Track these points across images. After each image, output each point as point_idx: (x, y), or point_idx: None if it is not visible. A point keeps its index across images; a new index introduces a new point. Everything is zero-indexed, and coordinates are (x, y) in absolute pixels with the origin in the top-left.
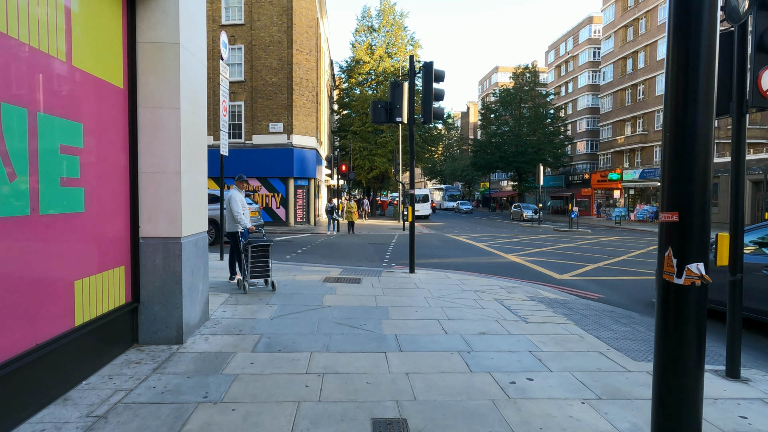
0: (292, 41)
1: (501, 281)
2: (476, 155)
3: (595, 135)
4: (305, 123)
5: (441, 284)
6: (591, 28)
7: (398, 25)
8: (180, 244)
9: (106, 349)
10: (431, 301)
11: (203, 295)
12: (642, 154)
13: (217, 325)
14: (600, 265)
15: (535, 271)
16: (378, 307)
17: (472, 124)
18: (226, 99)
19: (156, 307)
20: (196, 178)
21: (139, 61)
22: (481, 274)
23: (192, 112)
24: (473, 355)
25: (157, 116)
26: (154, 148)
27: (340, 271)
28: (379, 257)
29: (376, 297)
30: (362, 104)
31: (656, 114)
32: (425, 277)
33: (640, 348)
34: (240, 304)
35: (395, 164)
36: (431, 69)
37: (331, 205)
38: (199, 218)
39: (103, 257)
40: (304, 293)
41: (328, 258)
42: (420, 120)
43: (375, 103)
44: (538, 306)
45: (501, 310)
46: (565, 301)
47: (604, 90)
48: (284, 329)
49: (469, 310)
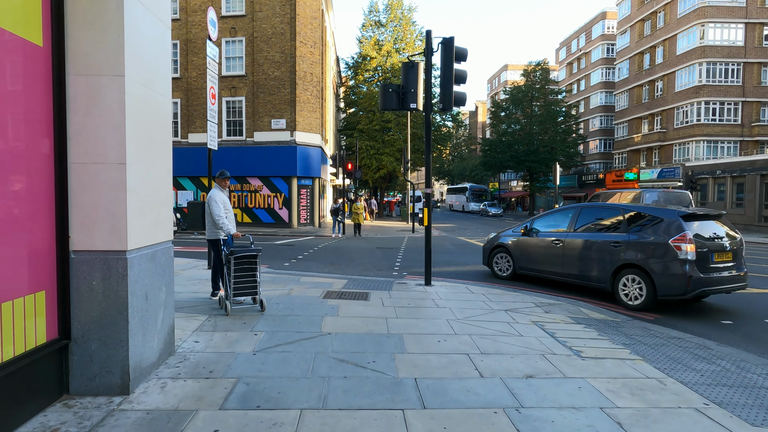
0: (296, 33)
1: (533, 296)
2: (486, 154)
3: (609, 133)
4: (309, 119)
5: (464, 301)
6: (604, 24)
7: (406, 19)
8: (126, 259)
9: (17, 408)
10: (456, 325)
11: (165, 323)
12: (660, 153)
13: (183, 362)
14: None
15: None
16: (390, 335)
17: (480, 124)
18: (215, 85)
19: (93, 345)
20: (152, 171)
21: (67, 10)
22: (507, 285)
23: (146, 84)
24: (525, 415)
25: (93, 87)
26: (89, 130)
27: (345, 283)
28: (389, 264)
29: (388, 320)
30: (369, 101)
31: (675, 111)
32: (444, 292)
33: (748, 401)
34: (218, 330)
35: (404, 162)
36: (452, 46)
37: (336, 206)
38: (159, 225)
39: (13, 279)
40: (299, 315)
41: (332, 265)
42: (438, 107)
43: (385, 86)
44: (587, 331)
45: (545, 338)
46: (616, 324)
47: (620, 87)
48: (269, 370)
49: (505, 338)
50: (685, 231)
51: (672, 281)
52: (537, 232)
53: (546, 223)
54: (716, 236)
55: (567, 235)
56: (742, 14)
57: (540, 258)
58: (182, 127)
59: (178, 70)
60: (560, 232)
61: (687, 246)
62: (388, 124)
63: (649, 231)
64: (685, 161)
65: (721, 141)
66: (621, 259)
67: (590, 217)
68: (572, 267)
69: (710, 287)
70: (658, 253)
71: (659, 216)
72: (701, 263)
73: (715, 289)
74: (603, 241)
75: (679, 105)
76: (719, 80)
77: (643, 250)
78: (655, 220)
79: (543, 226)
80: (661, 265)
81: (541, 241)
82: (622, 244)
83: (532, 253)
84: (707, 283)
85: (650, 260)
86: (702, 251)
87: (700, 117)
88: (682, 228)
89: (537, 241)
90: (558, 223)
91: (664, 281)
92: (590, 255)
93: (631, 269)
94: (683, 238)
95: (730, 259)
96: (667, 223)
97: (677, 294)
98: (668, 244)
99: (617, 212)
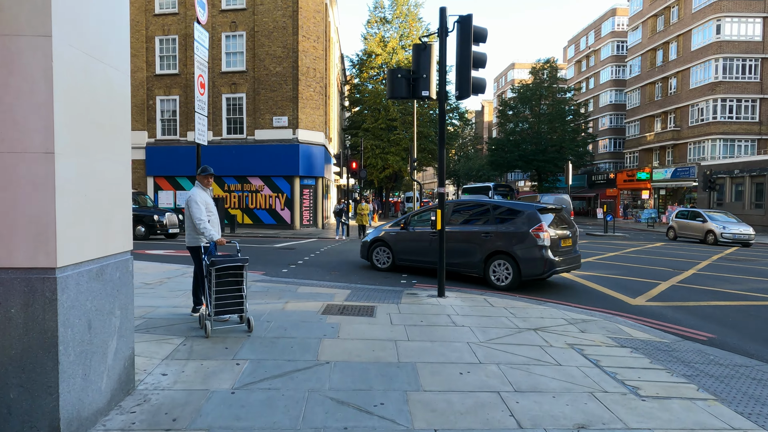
0: (298, 27)
1: (562, 310)
2: (494, 154)
3: (619, 132)
4: (312, 116)
5: (484, 317)
6: (614, 21)
7: (412, 15)
8: (55, 279)
9: None
10: (480, 350)
11: (120, 355)
12: (674, 152)
13: (142, 404)
14: (673, 282)
15: (596, 292)
16: (401, 364)
17: (486, 123)
18: (204, 74)
19: (12, 393)
20: (97, 165)
21: None
22: (529, 296)
23: (89, 52)
24: None
25: (8, 49)
26: (2, 107)
27: (347, 294)
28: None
29: (397, 343)
30: (374, 99)
31: (690, 108)
32: (460, 305)
33: None
34: (193, 358)
35: (410, 161)
36: (470, 25)
37: (340, 207)
38: (110, 233)
39: None
40: (292, 337)
41: (334, 272)
42: (454, 95)
43: (393, 71)
44: (636, 358)
45: (589, 368)
46: (668, 347)
47: (631, 84)
48: (248, 416)
49: (540, 369)
50: (541, 222)
51: (533, 264)
52: (415, 226)
53: (422, 218)
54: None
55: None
56: (760, 8)
57: (419, 249)
58: (181, 125)
59: (177, 66)
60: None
61: (544, 234)
62: (393, 122)
63: (513, 223)
64: (700, 160)
65: (738, 139)
66: (491, 247)
67: (463, 212)
68: (448, 256)
69: (559, 267)
70: (522, 240)
71: (521, 209)
72: (553, 248)
73: (562, 269)
74: (475, 232)
75: (694, 102)
76: (736, 76)
77: (509, 238)
78: (518, 213)
79: (420, 221)
80: (524, 251)
81: (419, 234)
82: (491, 234)
83: (412, 246)
84: (558, 264)
85: (515, 247)
86: (554, 238)
87: (716, 114)
88: (539, 219)
89: (415, 234)
90: (434, 218)
91: (527, 264)
92: (464, 245)
93: (499, 255)
94: (541, 228)
95: (571, 244)
96: (528, 216)
97: (537, 274)
98: (529, 233)
99: (486, 207)
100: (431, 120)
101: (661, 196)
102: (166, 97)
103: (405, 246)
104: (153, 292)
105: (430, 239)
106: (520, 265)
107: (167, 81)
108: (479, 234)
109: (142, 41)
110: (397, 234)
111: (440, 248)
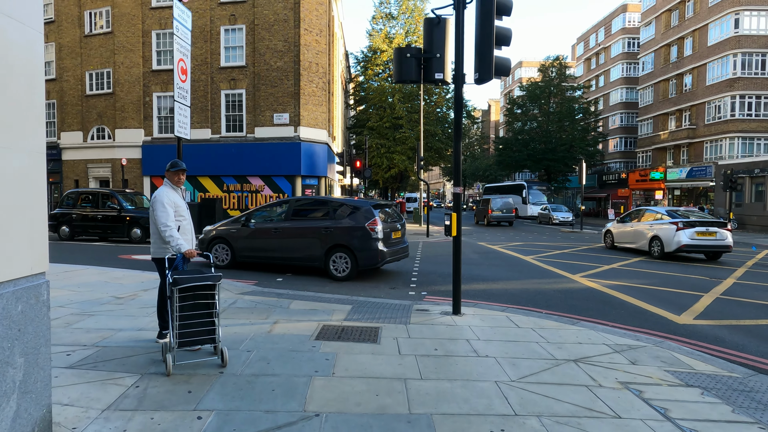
0: (300, 19)
1: (601, 332)
2: (502, 153)
3: (630, 131)
4: (315, 113)
5: (511, 342)
6: (625, 17)
7: (419, 11)
8: None
9: None
10: (512, 393)
11: (24, 423)
12: (690, 151)
13: None
14: (716, 294)
15: (632, 306)
16: (414, 418)
17: (493, 122)
18: (186, 58)
19: None
20: None
21: None
22: (559, 312)
23: None
24: None
25: None
26: None
27: (348, 310)
28: (403, 279)
29: (408, 382)
30: (380, 97)
31: (706, 106)
32: (480, 326)
33: None
34: (143, 408)
35: (417, 160)
36: None
37: None
38: (4, 251)
39: None
40: (276, 374)
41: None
42: (474, 78)
43: (401, 50)
44: (711, 403)
45: (658, 423)
46: (743, 384)
47: (644, 81)
48: None
49: (595, 424)
50: (375, 217)
51: (369, 255)
52: (256, 223)
53: (264, 215)
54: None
55: (284, 223)
56: None
57: (262, 245)
58: None
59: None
60: (278, 222)
61: (378, 228)
62: (399, 120)
63: (351, 218)
64: (717, 159)
65: (757, 137)
66: (331, 241)
67: (304, 209)
68: (292, 251)
69: (390, 258)
70: (358, 234)
71: (357, 206)
72: (385, 240)
73: (392, 258)
74: (316, 228)
75: (711, 99)
76: (755, 72)
77: (347, 233)
78: (355, 210)
79: (261, 218)
80: (361, 244)
81: (262, 231)
82: (331, 229)
83: (254, 242)
84: (389, 254)
85: (353, 240)
86: (386, 231)
87: (734, 112)
88: (374, 214)
89: (257, 231)
90: (274, 215)
91: (363, 256)
92: (307, 239)
93: (339, 249)
94: (375, 222)
95: (400, 236)
96: (363, 211)
97: (372, 265)
98: (365, 227)
99: (326, 204)
100: (438, 118)
101: (676, 196)
102: (164, 93)
103: (247, 243)
104: (120, 309)
105: (273, 235)
106: (357, 256)
107: (165, 77)
108: (320, 229)
109: (139, 35)
110: (237, 231)
111: (455, 257)
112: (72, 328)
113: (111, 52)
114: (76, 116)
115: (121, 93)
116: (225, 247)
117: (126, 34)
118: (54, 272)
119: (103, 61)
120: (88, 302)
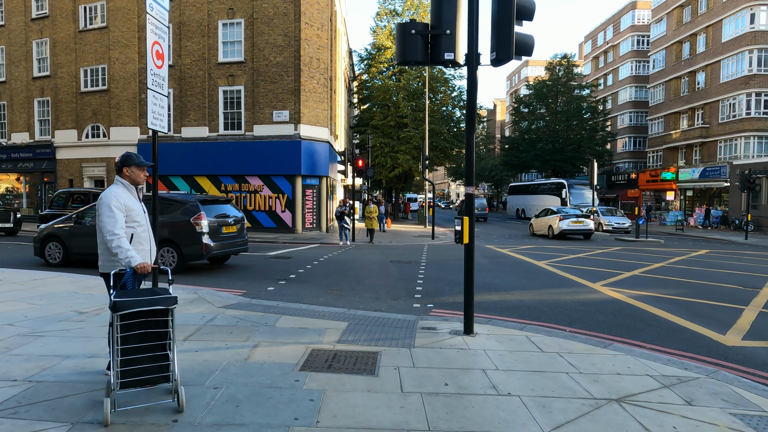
0: (300, 13)
1: (639, 357)
2: (508, 153)
3: (639, 131)
4: (316, 111)
5: (536, 372)
6: (634, 15)
7: (423, 6)
8: None
9: None
10: None
11: None
12: (703, 150)
13: None
14: (759, 308)
15: (667, 323)
16: None
17: (499, 122)
18: (162, 42)
19: None
20: None
21: None
22: (585, 331)
23: None
24: None
25: None
26: None
27: (343, 328)
28: (407, 288)
29: None
30: (383, 95)
31: (720, 104)
32: (497, 349)
33: None
34: None
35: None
36: None
37: (341, 209)
38: None
39: None
40: (242, 425)
41: (332, 290)
42: (490, 59)
43: (405, 26)
44: None
45: None
46: None
47: (654, 79)
48: None
49: None
50: (201, 212)
51: (194, 249)
52: (88, 221)
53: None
54: (225, 215)
55: None
56: None
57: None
58: (175, 120)
59: (171, 57)
60: None
61: (203, 222)
62: (404, 119)
63: (178, 213)
64: (732, 159)
65: None
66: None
67: None
68: None
69: (220, 251)
70: (184, 229)
71: (184, 201)
72: (213, 234)
73: (223, 252)
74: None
75: (725, 97)
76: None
77: (173, 227)
78: (182, 205)
79: (93, 215)
80: (186, 238)
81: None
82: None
83: (87, 240)
84: (217, 248)
85: (179, 235)
86: (213, 225)
87: (750, 110)
88: (199, 209)
89: (90, 229)
90: None
91: (188, 250)
92: None
93: (165, 243)
94: (200, 217)
95: (235, 231)
96: (190, 206)
97: (198, 258)
98: (190, 221)
99: (162, 201)
100: (443, 117)
101: (688, 197)
102: None
103: (79, 241)
104: (78, 328)
105: None
106: (183, 250)
107: None
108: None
109: (134, 30)
110: (70, 229)
111: (467, 268)
112: (10, 354)
113: (106, 47)
114: (71, 114)
115: (116, 90)
116: (58, 245)
117: (121, 29)
118: (21, 280)
119: (98, 57)
120: (43, 319)
